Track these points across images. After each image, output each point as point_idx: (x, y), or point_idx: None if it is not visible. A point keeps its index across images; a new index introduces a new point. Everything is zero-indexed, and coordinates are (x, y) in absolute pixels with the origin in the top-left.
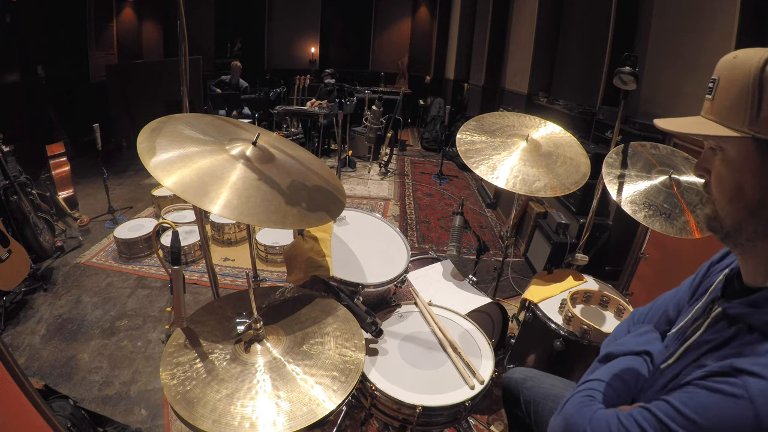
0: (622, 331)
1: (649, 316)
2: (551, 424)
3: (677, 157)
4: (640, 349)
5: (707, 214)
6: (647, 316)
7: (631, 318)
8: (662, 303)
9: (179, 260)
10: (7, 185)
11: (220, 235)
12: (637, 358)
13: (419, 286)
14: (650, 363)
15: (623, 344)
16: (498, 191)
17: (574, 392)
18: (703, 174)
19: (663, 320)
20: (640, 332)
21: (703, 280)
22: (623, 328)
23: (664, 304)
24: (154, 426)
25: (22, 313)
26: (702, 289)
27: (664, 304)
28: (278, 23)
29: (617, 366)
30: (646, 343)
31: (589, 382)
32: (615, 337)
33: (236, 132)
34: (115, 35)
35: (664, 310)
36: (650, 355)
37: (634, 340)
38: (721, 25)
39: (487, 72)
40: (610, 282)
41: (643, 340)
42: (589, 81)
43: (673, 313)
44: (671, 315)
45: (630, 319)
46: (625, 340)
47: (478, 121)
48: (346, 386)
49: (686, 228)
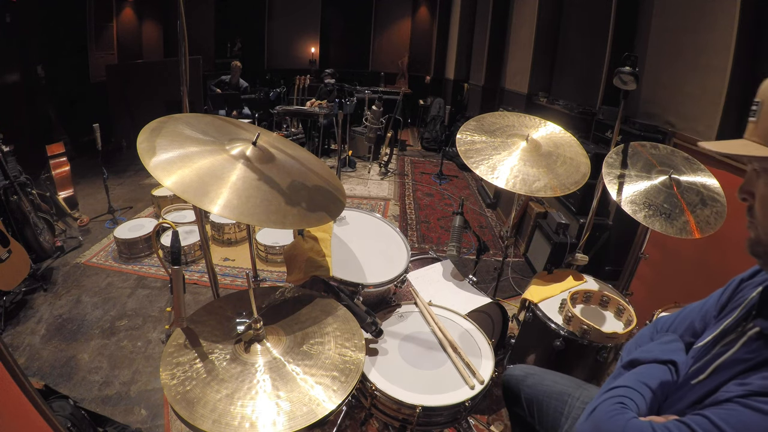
0: (645, 338)
1: (674, 325)
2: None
3: (677, 157)
4: (666, 358)
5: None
6: (672, 325)
7: (654, 325)
8: (688, 313)
9: (179, 260)
10: (7, 185)
11: (220, 235)
12: (662, 367)
13: (419, 286)
14: (675, 373)
15: (648, 351)
16: (498, 191)
17: (602, 398)
18: (747, 198)
19: (688, 331)
20: (665, 341)
21: (733, 296)
22: (646, 335)
23: (691, 315)
24: (154, 426)
25: (22, 313)
26: (732, 304)
27: (690, 315)
28: (278, 23)
29: (644, 374)
30: (671, 352)
31: (618, 388)
32: (637, 344)
33: (236, 132)
34: (115, 35)
35: (690, 321)
36: (675, 365)
37: (659, 348)
38: (721, 25)
39: (487, 72)
40: (610, 282)
41: (668, 349)
42: (589, 81)
43: (699, 326)
44: (697, 327)
45: (653, 326)
46: (650, 347)
47: (478, 121)
48: (346, 386)
49: (686, 228)
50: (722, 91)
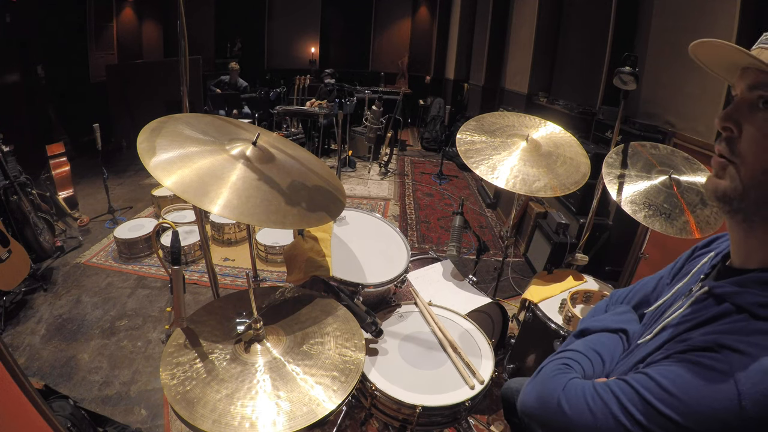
0: (600, 310)
1: (628, 297)
2: (524, 390)
3: (677, 157)
4: (617, 327)
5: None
6: (626, 297)
7: (610, 298)
8: (642, 286)
9: (179, 260)
10: (7, 185)
11: (220, 235)
12: (613, 336)
13: (419, 286)
14: (626, 342)
15: (600, 321)
16: (498, 191)
17: (548, 360)
18: (731, 127)
19: (642, 301)
20: (618, 312)
21: (686, 263)
22: (601, 307)
23: (645, 287)
24: (154, 426)
25: (22, 313)
26: (684, 271)
27: (644, 287)
28: (278, 23)
29: (593, 341)
30: (623, 321)
31: (565, 352)
32: (593, 315)
33: (236, 132)
34: (115, 35)
35: (644, 292)
36: (626, 333)
37: (612, 318)
38: (721, 25)
39: (487, 72)
40: (610, 282)
41: (620, 319)
42: (589, 81)
43: (653, 295)
44: (650, 297)
45: (609, 299)
46: (602, 317)
47: (478, 121)
48: (346, 386)
49: (686, 228)
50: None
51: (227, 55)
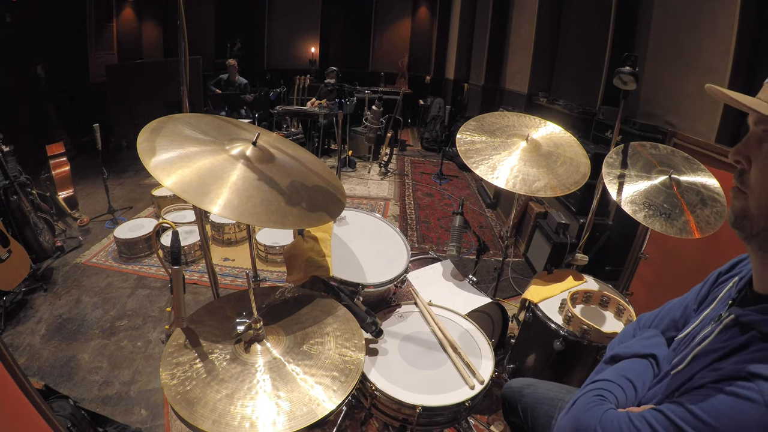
0: (628, 335)
1: (656, 321)
2: (559, 423)
3: (677, 157)
4: (647, 352)
5: (735, 209)
6: (654, 321)
7: (638, 322)
8: (669, 309)
9: (179, 260)
10: (7, 185)
11: (220, 235)
12: (643, 361)
13: (419, 286)
14: (656, 366)
15: (630, 347)
16: (498, 191)
17: (582, 392)
18: (742, 162)
19: (670, 326)
20: (646, 336)
21: (711, 289)
22: (629, 332)
23: (672, 310)
24: (154, 426)
25: (22, 313)
26: (711, 297)
27: (671, 310)
28: (278, 23)
29: (624, 368)
30: (652, 346)
31: (598, 382)
32: (621, 340)
33: (236, 132)
34: (115, 35)
35: (671, 316)
36: (656, 358)
37: (641, 343)
38: (721, 25)
39: (487, 72)
40: (610, 282)
41: (649, 344)
42: (589, 81)
43: (680, 320)
44: (678, 321)
45: (636, 323)
46: (631, 343)
47: (478, 121)
48: (346, 386)
49: (686, 228)
50: None
51: (227, 55)
